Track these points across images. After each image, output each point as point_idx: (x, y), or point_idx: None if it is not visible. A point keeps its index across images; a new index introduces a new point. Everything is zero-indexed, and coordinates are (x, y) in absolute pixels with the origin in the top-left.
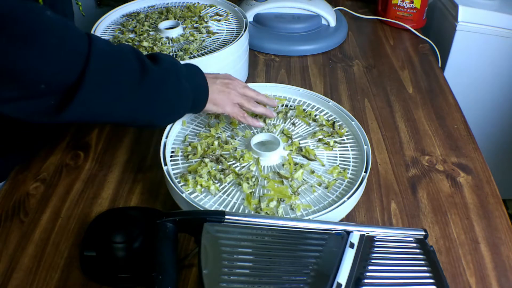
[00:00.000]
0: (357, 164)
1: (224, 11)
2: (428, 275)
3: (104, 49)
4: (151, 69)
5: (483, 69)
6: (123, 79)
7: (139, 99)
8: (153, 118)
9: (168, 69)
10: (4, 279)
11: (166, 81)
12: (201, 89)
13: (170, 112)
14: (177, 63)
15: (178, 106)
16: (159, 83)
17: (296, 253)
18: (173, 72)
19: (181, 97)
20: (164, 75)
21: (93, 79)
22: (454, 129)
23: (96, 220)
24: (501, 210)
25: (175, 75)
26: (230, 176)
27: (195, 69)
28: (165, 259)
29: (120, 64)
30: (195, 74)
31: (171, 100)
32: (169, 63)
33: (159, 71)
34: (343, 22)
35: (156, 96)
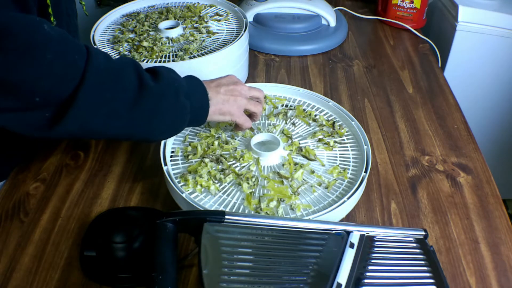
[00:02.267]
0: (357, 164)
1: (224, 11)
2: (428, 275)
3: (101, 65)
4: (149, 86)
5: (483, 69)
6: (119, 96)
7: (135, 117)
8: (149, 135)
9: (167, 86)
10: (4, 279)
11: (164, 99)
12: (201, 106)
13: (167, 129)
14: (178, 78)
15: (175, 124)
16: (156, 101)
17: (296, 253)
18: (172, 89)
19: (179, 115)
20: (162, 92)
21: (88, 95)
22: (454, 129)
23: (96, 220)
24: (501, 210)
25: (173, 93)
26: (230, 176)
27: (196, 84)
28: (165, 259)
29: (117, 81)
30: (196, 90)
31: (168, 118)
32: (169, 79)
33: (157, 88)
34: (343, 22)
35: (153, 114)
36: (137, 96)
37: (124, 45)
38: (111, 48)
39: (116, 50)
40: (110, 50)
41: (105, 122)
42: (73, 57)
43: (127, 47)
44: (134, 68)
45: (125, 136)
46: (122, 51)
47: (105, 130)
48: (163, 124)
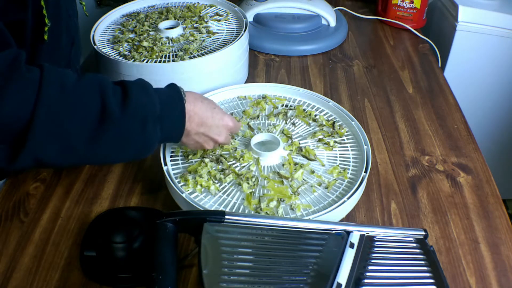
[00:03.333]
0: (357, 164)
1: (224, 11)
2: (428, 275)
3: (54, 98)
4: (113, 117)
5: (483, 69)
6: (74, 130)
7: (96, 149)
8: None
9: (135, 114)
10: (4, 279)
11: (129, 130)
12: (172, 134)
13: (131, 157)
14: (149, 103)
15: (141, 152)
16: (120, 132)
17: (296, 253)
18: (140, 117)
19: (146, 144)
20: (128, 123)
21: (39, 133)
22: (454, 129)
23: (96, 220)
24: (501, 210)
25: (141, 122)
26: (230, 176)
27: (173, 107)
28: (165, 259)
29: (73, 113)
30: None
31: (133, 148)
32: (138, 104)
33: (122, 118)
34: (343, 22)
35: (115, 146)
36: (97, 128)
37: (124, 45)
38: (111, 48)
39: (116, 50)
40: (110, 50)
41: (62, 156)
42: (21, 96)
43: (127, 47)
44: (99, 93)
45: (84, 164)
46: (122, 51)
47: (63, 162)
48: (127, 153)
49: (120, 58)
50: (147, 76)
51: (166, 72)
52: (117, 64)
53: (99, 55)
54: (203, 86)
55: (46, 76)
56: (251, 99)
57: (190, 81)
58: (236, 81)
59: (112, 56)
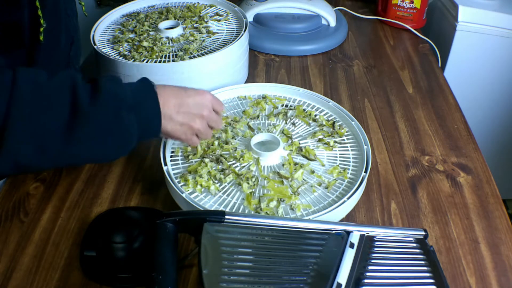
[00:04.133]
0: (357, 164)
1: (224, 11)
2: (428, 275)
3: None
4: (83, 110)
5: (483, 69)
6: (48, 128)
7: (72, 145)
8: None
9: (106, 104)
10: (4, 279)
11: (102, 120)
12: (150, 123)
13: (112, 152)
14: (120, 91)
15: (121, 144)
16: (93, 124)
17: (296, 253)
18: (112, 107)
19: (123, 134)
20: (99, 113)
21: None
22: (454, 129)
23: (96, 220)
24: (501, 210)
25: (113, 111)
26: (230, 176)
27: (145, 93)
28: (165, 259)
29: (46, 110)
30: (144, 101)
31: (111, 139)
32: (109, 94)
33: (93, 109)
34: (343, 22)
35: (91, 140)
36: (70, 123)
37: (124, 45)
38: (111, 48)
39: (116, 50)
40: (110, 50)
41: (39, 156)
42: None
43: (127, 47)
44: (70, 89)
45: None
46: (122, 51)
47: (42, 163)
48: (106, 147)
49: (120, 58)
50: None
51: (166, 72)
52: (117, 64)
53: (99, 55)
54: (203, 86)
55: (18, 77)
56: (251, 99)
57: (190, 81)
58: (236, 81)
59: (112, 56)
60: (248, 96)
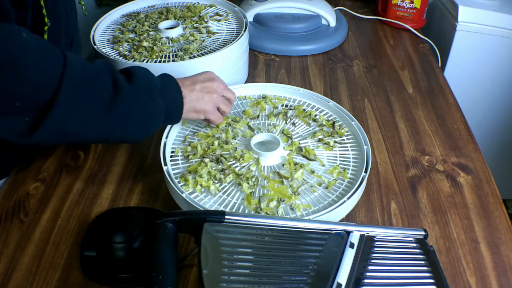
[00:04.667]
0: (357, 164)
1: (224, 11)
2: (428, 275)
3: (77, 71)
4: (124, 88)
5: (483, 69)
6: (95, 100)
7: (111, 119)
8: (125, 136)
9: (141, 87)
10: (4, 279)
11: (138, 99)
12: (175, 104)
13: (142, 129)
14: (151, 78)
15: (150, 123)
16: (131, 102)
17: (296, 253)
18: (146, 89)
19: (154, 115)
20: (136, 93)
21: (65, 100)
22: (454, 129)
23: (96, 220)
24: (501, 210)
25: (147, 93)
26: (230, 176)
27: (170, 82)
28: (165, 259)
29: (93, 85)
30: (170, 88)
31: (143, 118)
32: (142, 79)
33: (131, 89)
34: (343, 22)
35: (128, 115)
36: (112, 99)
37: (124, 45)
38: (111, 48)
39: (116, 50)
40: (110, 50)
41: (83, 125)
42: (50, 64)
43: (127, 47)
44: (109, 71)
45: (103, 138)
46: (122, 51)
47: (83, 133)
48: (139, 124)
49: (120, 58)
50: None
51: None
52: (117, 64)
53: (99, 55)
54: None
55: (68, 53)
56: (251, 99)
57: None
58: (236, 81)
59: (112, 56)
60: (248, 96)
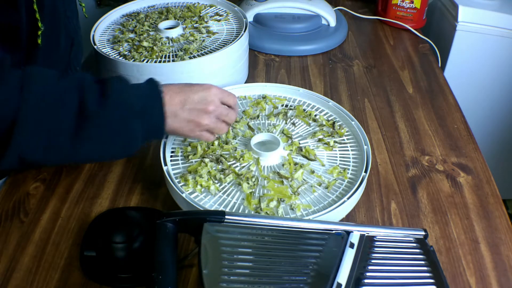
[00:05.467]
0: (357, 164)
1: (224, 11)
2: (428, 275)
3: (38, 95)
4: (92, 113)
5: (483, 69)
6: (57, 128)
7: (78, 147)
8: (98, 159)
9: (114, 109)
10: (4, 279)
11: (109, 125)
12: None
13: (116, 154)
14: (129, 98)
15: (125, 148)
16: (101, 127)
17: (296, 253)
18: (120, 113)
19: (128, 139)
20: (107, 118)
21: (24, 130)
22: (454, 129)
23: (96, 220)
24: (501, 210)
25: (121, 117)
26: (230, 176)
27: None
28: (165, 259)
29: (57, 109)
30: (152, 106)
31: (116, 143)
32: (118, 100)
33: (102, 113)
34: (343, 22)
35: (98, 141)
36: (78, 124)
37: (124, 45)
38: (111, 48)
39: (116, 50)
40: (110, 50)
41: (45, 154)
42: (3, 98)
43: (127, 47)
44: (79, 90)
45: (73, 162)
46: (122, 51)
47: (49, 160)
48: (111, 149)
49: (120, 58)
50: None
51: (166, 72)
52: (117, 64)
53: (99, 55)
54: None
55: (28, 76)
56: (251, 99)
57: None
58: (236, 81)
59: (112, 56)
60: (248, 96)
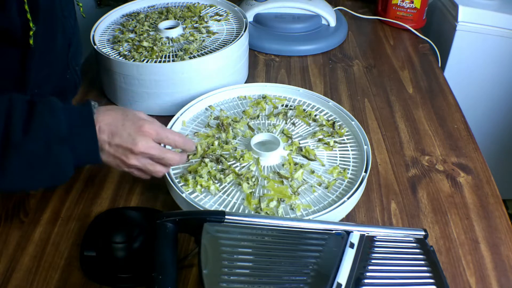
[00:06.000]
0: (357, 164)
1: (224, 11)
2: (428, 275)
3: None
4: (15, 141)
5: (483, 69)
6: None
7: (6, 175)
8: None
9: (37, 136)
10: (4, 279)
11: (32, 153)
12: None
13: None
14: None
15: (55, 175)
16: (24, 156)
17: (296, 253)
18: (42, 140)
19: (56, 166)
20: (30, 146)
21: None
22: (454, 129)
23: (96, 220)
24: (501, 210)
25: (44, 144)
26: (230, 176)
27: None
28: (165, 259)
29: None
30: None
31: (44, 171)
32: (40, 126)
33: (25, 141)
34: (343, 22)
35: (25, 170)
36: (2, 154)
37: (124, 45)
38: (111, 48)
39: (116, 50)
40: (110, 50)
41: None
42: None
43: (127, 47)
44: (5, 116)
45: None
46: (122, 51)
47: None
48: (39, 178)
49: (120, 58)
50: (147, 76)
51: (166, 72)
52: (117, 64)
53: (99, 55)
54: (203, 86)
55: None
56: (251, 99)
57: (190, 81)
58: (236, 81)
59: (112, 56)
60: (248, 96)
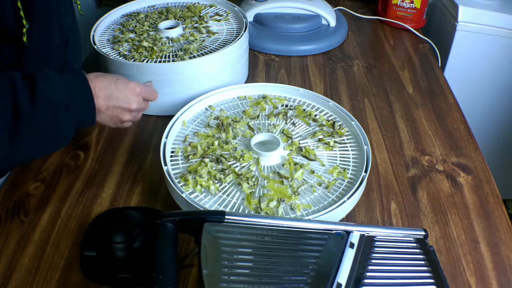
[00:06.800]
0: (357, 164)
1: (224, 11)
2: (428, 275)
3: None
4: (25, 112)
5: (483, 69)
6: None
7: (17, 146)
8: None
9: (44, 105)
10: (4, 279)
11: (42, 122)
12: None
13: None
14: (55, 91)
15: (60, 140)
16: (35, 126)
17: (296, 253)
18: (50, 108)
19: (63, 132)
20: (39, 115)
21: None
22: (454, 129)
23: (96, 220)
24: (501, 210)
25: (52, 112)
26: (230, 176)
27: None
28: (165, 259)
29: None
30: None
31: (51, 138)
32: (45, 95)
33: (34, 111)
34: (343, 22)
35: (34, 139)
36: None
37: (124, 45)
38: (111, 48)
39: (116, 50)
40: (110, 50)
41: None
42: None
43: (127, 47)
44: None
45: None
46: (122, 51)
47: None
48: (48, 144)
49: (120, 58)
50: (147, 76)
51: (166, 72)
52: (117, 64)
53: (99, 55)
54: (203, 86)
55: None
56: (251, 99)
57: (190, 81)
58: (236, 81)
59: (112, 56)
60: (248, 96)
